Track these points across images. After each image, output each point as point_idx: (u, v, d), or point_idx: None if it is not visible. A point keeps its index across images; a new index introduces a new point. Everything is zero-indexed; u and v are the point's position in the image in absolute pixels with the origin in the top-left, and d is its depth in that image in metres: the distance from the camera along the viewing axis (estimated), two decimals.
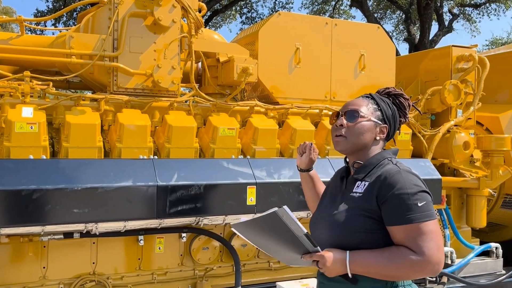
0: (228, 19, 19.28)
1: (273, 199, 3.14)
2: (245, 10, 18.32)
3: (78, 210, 2.64)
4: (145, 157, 3.01)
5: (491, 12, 17.53)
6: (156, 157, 3.07)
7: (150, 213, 2.81)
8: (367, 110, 1.73)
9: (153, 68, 3.25)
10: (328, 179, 1.97)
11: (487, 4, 17.24)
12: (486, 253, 4.29)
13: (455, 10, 17.17)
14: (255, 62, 3.56)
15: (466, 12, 18.02)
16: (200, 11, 3.57)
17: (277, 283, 3.22)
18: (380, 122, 1.74)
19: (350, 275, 1.57)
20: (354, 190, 1.68)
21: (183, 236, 3.25)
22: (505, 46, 5.74)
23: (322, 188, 2.07)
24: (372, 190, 1.61)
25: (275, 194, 3.15)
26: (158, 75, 3.25)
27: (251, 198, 3.06)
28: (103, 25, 3.32)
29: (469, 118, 4.36)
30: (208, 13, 15.85)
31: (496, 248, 4.28)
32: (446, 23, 16.17)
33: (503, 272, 4.21)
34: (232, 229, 1.69)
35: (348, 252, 1.58)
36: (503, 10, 17.32)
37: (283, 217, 1.53)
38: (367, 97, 1.79)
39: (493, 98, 5.20)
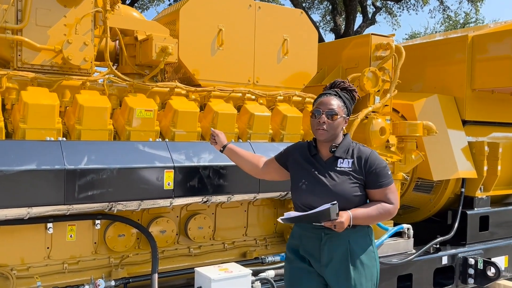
0: (155, 1, 18.65)
1: (191, 183, 3.06)
2: None
3: None
4: (53, 139, 2.80)
5: (410, 7, 18.48)
6: (65, 139, 2.86)
7: (57, 198, 2.62)
8: (339, 108, 2.39)
9: (63, 43, 3.01)
10: None
11: None
12: (399, 234, 4.51)
13: (378, 3, 17.87)
14: (176, 41, 3.42)
15: (388, 6, 18.84)
16: None
17: (196, 268, 3.15)
18: (346, 116, 2.44)
19: (349, 226, 2.30)
20: (339, 166, 2.39)
21: (97, 223, 3.08)
22: (420, 37, 6.03)
23: (246, 153, 2.80)
24: (359, 165, 2.38)
25: (194, 178, 3.07)
26: (68, 51, 3.02)
27: (168, 182, 2.96)
28: None
29: (386, 105, 4.51)
30: None
31: (408, 229, 4.50)
32: (370, 15, 16.79)
33: (413, 251, 4.45)
34: (279, 221, 2.32)
35: (350, 211, 2.29)
36: (421, 6, 18.31)
37: (331, 210, 2.16)
38: (335, 95, 2.42)
39: (408, 87, 5.46)
